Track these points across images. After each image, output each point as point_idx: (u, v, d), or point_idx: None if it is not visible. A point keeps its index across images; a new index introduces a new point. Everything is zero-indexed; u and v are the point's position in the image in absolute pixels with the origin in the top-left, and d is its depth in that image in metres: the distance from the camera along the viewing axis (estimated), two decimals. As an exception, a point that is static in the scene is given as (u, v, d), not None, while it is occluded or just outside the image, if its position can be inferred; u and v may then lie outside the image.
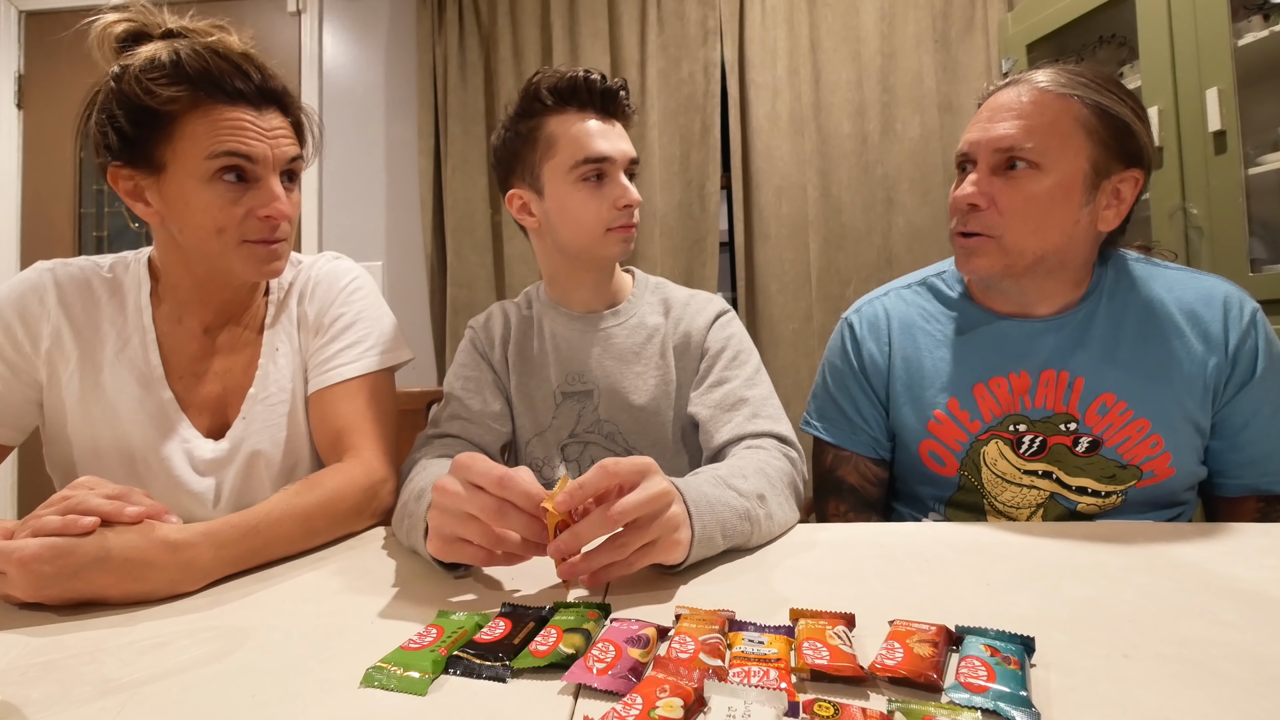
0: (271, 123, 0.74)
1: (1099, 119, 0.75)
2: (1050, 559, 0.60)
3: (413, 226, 2.29)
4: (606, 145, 0.87)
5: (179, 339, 0.81)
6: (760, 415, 0.84)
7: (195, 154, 0.70)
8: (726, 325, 0.95)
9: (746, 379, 0.88)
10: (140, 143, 0.70)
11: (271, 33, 2.36)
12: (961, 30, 2.03)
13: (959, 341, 0.87)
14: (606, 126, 0.88)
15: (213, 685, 0.41)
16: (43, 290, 0.78)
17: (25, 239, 2.38)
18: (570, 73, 0.88)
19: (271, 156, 0.73)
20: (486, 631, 0.46)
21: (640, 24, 2.16)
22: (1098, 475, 0.81)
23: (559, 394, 0.94)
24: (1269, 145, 1.43)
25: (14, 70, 2.39)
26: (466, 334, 1.00)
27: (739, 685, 0.38)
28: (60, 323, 0.77)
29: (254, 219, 0.73)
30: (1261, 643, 0.43)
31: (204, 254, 0.75)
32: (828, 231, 2.07)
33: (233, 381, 0.83)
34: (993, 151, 0.77)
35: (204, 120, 0.70)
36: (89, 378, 0.78)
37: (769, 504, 0.67)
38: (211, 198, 0.71)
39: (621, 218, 0.89)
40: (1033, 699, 0.37)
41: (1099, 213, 0.78)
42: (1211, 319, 0.79)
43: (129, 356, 0.79)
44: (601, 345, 0.94)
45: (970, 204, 0.78)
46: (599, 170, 0.87)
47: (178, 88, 0.68)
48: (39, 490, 2.27)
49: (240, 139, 0.71)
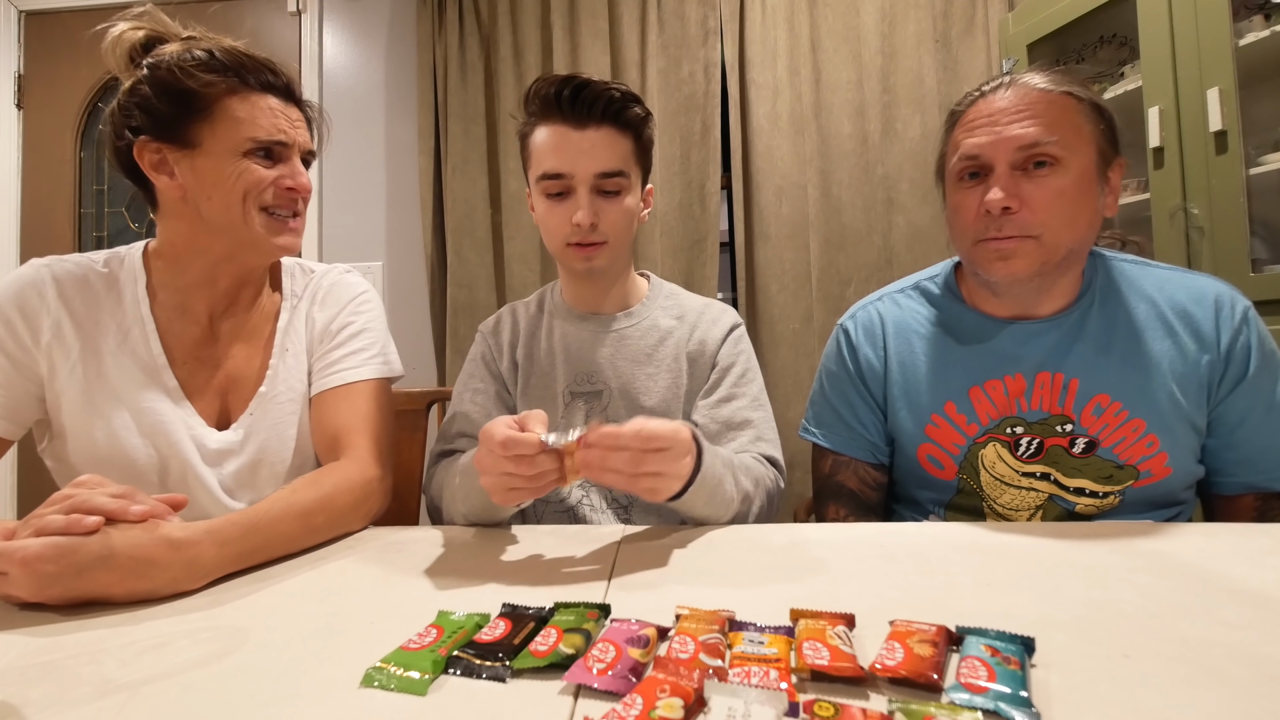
0: (293, 114, 0.82)
1: (1094, 111, 0.77)
2: (1050, 559, 0.60)
3: (413, 226, 2.29)
4: (560, 160, 0.86)
5: (180, 328, 0.83)
6: (763, 439, 0.90)
7: (235, 133, 0.77)
8: (739, 341, 0.97)
9: (753, 399, 0.93)
10: (175, 122, 0.76)
11: (271, 33, 2.36)
12: (962, 30, 2.03)
13: (954, 345, 0.87)
14: (576, 137, 0.85)
15: (213, 685, 0.41)
16: (41, 285, 0.79)
17: (25, 239, 2.38)
18: (546, 80, 0.86)
19: (296, 141, 0.82)
20: (486, 631, 0.46)
21: (640, 24, 2.16)
22: (1095, 476, 0.81)
23: (567, 393, 0.94)
24: (1270, 145, 1.42)
25: (14, 70, 2.39)
26: (476, 340, 1.02)
27: (739, 685, 0.38)
28: (60, 316, 0.79)
29: (279, 188, 0.80)
30: (1262, 643, 0.43)
31: (226, 223, 0.79)
32: (828, 232, 2.06)
33: (237, 371, 0.85)
34: (1015, 150, 0.76)
35: (244, 104, 0.78)
36: (92, 369, 0.79)
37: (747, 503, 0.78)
38: (244, 169, 0.78)
39: (576, 235, 0.87)
40: (1033, 699, 0.37)
41: (1104, 201, 0.80)
42: (1204, 318, 0.80)
43: (130, 347, 0.80)
44: (614, 346, 0.95)
45: (1004, 208, 0.76)
46: (559, 187, 0.87)
47: (216, 75, 0.76)
48: (39, 490, 2.27)
49: (276, 124, 0.79)
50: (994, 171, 0.77)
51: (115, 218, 2.40)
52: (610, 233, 0.89)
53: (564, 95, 0.84)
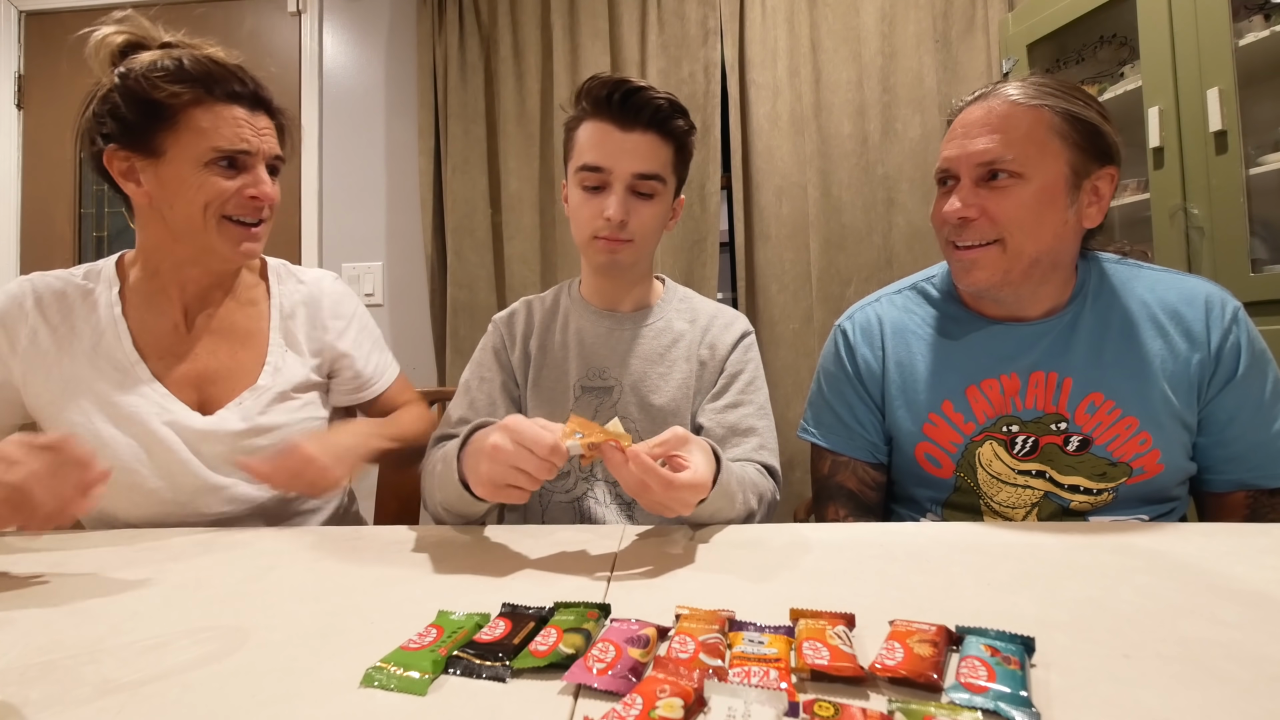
0: (260, 122, 0.84)
1: (1070, 124, 0.77)
2: (1050, 559, 0.60)
3: (413, 226, 2.29)
4: (603, 155, 0.88)
5: (154, 325, 0.88)
6: (765, 448, 0.91)
7: (198, 143, 0.80)
8: (749, 349, 0.99)
9: (759, 407, 0.94)
10: (141, 131, 0.79)
11: (271, 33, 2.36)
12: (962, 30, 2.03)
13: (951, 345, 0.88)
14: (620, 137, 0.87)
15: (213, 685, 0.41)
16: (22, 298, 0.85)
17: (25, 239, 2.38)
18: (600, 80, 0.88)
19: (261, 150, 0.84)
20: (486, 631, 0.46)
21: (640, 24, 2.16)
22: (1089, 473, 0.82)
23: (578, 387, 0.96)
24: (1270, 145, 1.42)
25: (14, 70, 2.39)
26: (489, 330, 1.04)
27: (739, 685, 0.38)
28: (38, 324, 0.84)
29: (241, 197, 0.83)
30: (1261, 643, 0.43)
31: (189, 230, 0.83)
32: (828, 232, 2.06)
33: (217, 362, 0.90)
34: (975, 166, 0.79)
35: (207, 114, 0.80)
36: (67, 371, 0.84)
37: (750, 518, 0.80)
38: (206, 179, 0.81)
39: (605, 229, 0.90)
40: (1033, 699, 0.37)
41: (1083, 211, 0.80)
42: (1194, 317, 0.81)
43: (105, 348, 0.85)
44: (628, 344, 0.97)
45: (961, 217, 0.80)
46: (595, 180, 0.89)
47: (182, 85, 0.78)
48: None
49: (239, 134, 0.81)
50: (960, 182, 0.81)
51: (115, 218, 2.39)
52: (638, 232, 0.91)
53: (614, 97, 0.87)
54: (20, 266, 2.37)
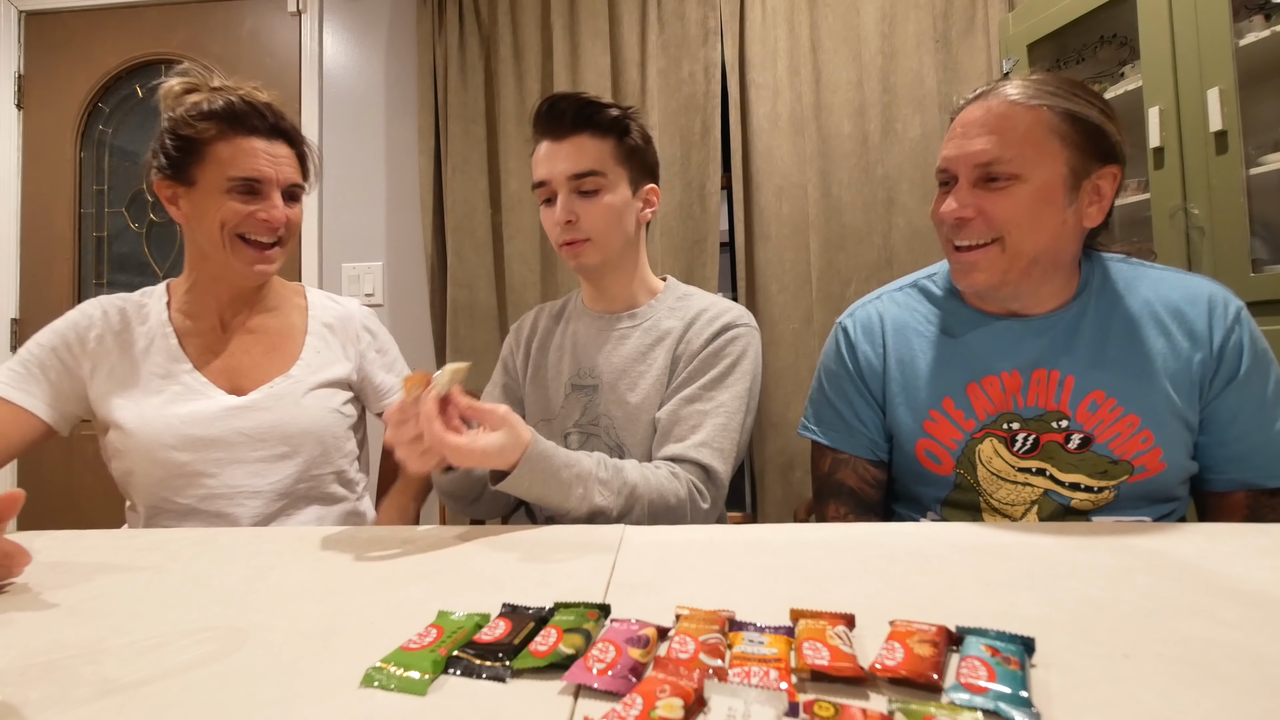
0: (278, 151, 0.96)
1: (1070, 124, 0.77)
2: (1050, 559, 0.60)
3: (413, 226, 2.29)
4: (542, 169, 0.95)
5: (194, 327, 1.02)
6: (709, 446, 0.88)
7: (220, 172, 0.93)
8: (731, 342, 0.94)
9: (720, 405, 0.90)
10: (179, 162, 0.94)
11: (271, 33, 2.35)
12: (962, 30, 2.03)
13: (952, 342, 0.88)
14: (554, 148, 0.94)
15: (212, 685, 0.41)
16: (92, 310, 1.00)
17: (25, 239, 2.38)
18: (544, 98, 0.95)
19: (276, 177, 0.95)
20: (486, 631, 0.46)
21: (640, 24, 2.16)
22: (1090, 471, 0.82)
23: (569, 385, 1.01)
24: (1270, 145, 1.42)
25: (14, 70, 2.39)
26: (508, 335, 1.12)
27: (739, 685, 0.38)
28: (104, 330, 0.99)
29: (254, 219, 0.95)
30: (1262, 643, 0.43)
31: (212, 248, 0.96)
32: (828, 232, 2.06)
33: (250, 359, 1.02)
34: (972, 167, 0.79)
35: (228, 147, 0.93)
36: (126, 368, 0.98)
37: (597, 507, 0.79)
38: (224, 203, 0.93)
39: (564, 234, 0.94)
40: (1033, 699, 0.37)
41: (1083, 210, 0.80)
42: (1196, 316, 0.81)
43: (156, 348, 0.99)
44: (614, 344, 0.99)
45: (958, 218, 0.80)
46: (545, 194, 0.96)
47: (209, 122, 0.92)
48: (38, 490, 2.27)
49: (254, 164, 0.93)
50: (958, 182, 0.81)
51: (115, 217, 2.39)
52: (591, 229, 0.93)
53: (543, 112, 0.94)
54: (20, 266, 2.37)
